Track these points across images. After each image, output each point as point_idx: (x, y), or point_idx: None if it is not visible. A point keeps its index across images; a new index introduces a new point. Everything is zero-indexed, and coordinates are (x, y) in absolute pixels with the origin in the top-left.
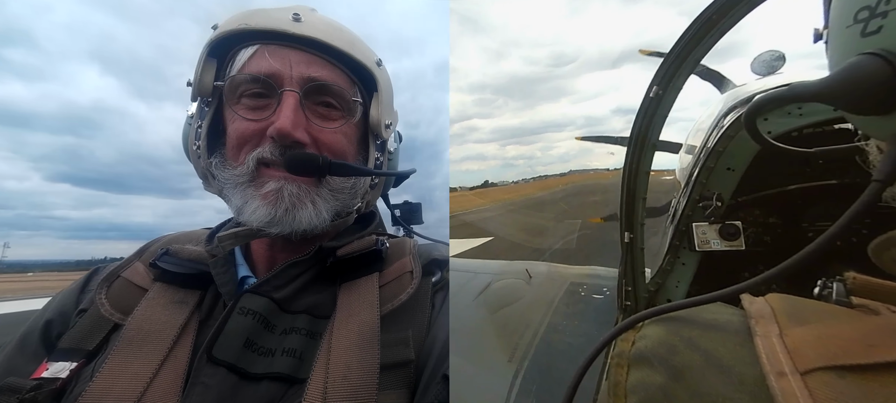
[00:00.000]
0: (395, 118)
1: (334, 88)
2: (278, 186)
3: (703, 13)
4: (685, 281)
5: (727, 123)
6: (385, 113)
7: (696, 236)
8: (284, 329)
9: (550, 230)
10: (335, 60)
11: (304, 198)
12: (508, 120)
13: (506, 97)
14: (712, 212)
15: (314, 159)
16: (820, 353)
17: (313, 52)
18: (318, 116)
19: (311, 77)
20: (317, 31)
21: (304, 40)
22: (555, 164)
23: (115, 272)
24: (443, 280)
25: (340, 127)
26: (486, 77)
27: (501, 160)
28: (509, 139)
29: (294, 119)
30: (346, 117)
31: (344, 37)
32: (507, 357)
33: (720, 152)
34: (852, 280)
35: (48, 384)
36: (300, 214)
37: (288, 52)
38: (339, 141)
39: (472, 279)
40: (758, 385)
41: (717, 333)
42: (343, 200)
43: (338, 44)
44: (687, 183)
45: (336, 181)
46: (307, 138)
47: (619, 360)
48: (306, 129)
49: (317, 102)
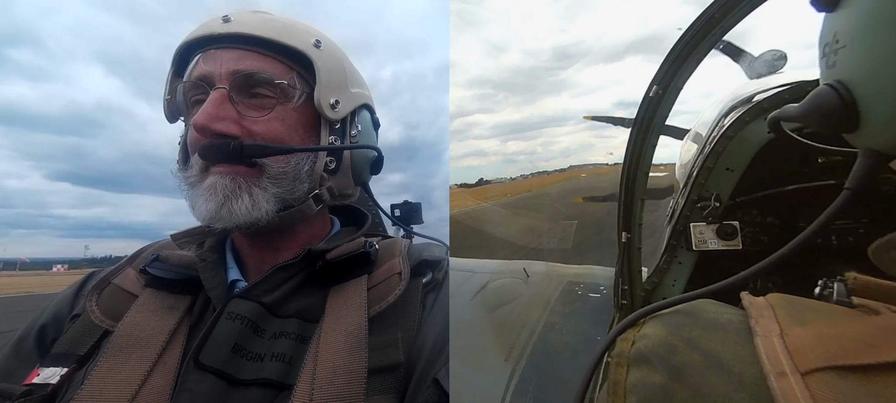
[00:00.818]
0: (355, 99)
1: (261, 76)
2: (213, 180)
3: (704, 12)
4: (682, 280)
5: (727, 123)
6: (329, 92)
7: (694, 235)
8: (274, 334)
9: (545, 230)
10: (268, 51)
11: (240, 190)
12: (509, 115)
13: (506, 92)
14: (710, 212)
15: (224, 145)
16: (820, 353)
17: (245, 47)
18: (251, 107)
19: (237, 70)
20: (244, 26)
21: (232, 38)
22: (556, 159)
23: (107, 279)
24: (434, 281)
25: (275, 114)
26: (485, 72)
27: (502, 156)
28: (510, 135)
29: (212, 112)
30: (281, 104)
31: (273, 26)
32: (503, 356)
33: (719, 153)
34: (853, 280)
35: (39, 390)
36: (236, 206)
37: (220, 53)
38: (275, 128)
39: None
40: (758, 385)
41: (718, 333)
42: (285, 185)
43: (265, 34)
44: (686, 184)
45: (273, 168)
46: (236, 130)
47: (619, 359)
48: (238, 121)
49: (249, 94)
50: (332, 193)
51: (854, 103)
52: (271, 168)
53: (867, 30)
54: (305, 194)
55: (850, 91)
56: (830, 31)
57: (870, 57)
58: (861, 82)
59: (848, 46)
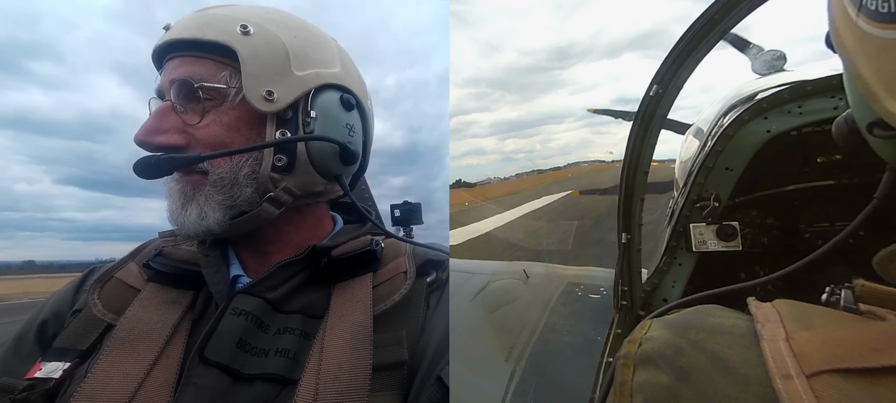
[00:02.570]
0: (300, 83)
1: (191, 81)
2: (170, 186)
3: (704, 12)
4: (681, 282)
5: (727, 121)
6: (259, 83)
7: (693, 236)
8: (278, 330)
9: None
10: (200, 52)
11: (188, 200)
12: (506, 114)
13: (502, 91)
14: (710, 212)
15: (145, 161)
16: (825, 356)
17: (183, 53)
18: (193, 114)
19: (173, 79)
20: (174, 31)
21: (169, 47)
22: (555, 157)
23: (109, 273)
24: (438, 281)
25: (211, 118)
26: (480, 71)
27: (501, 154)
28: (508, 133)
29: (151, 126)
30: (217, 106)
31: (198, 22)
32: (503, 356)
33: (719, 152)
34: (861, 288)
35: (41, 384)
36: (186, 216)
37: (169, 63)
38: (215, 132)
39: (469, 279)
40: (763, 387)
41: (724, 336)
42: (226, 191)
43: (188, 34)
44: (685, 184)
45: (214, 174)
46: (180, 139)
47: (625, 361)
48: (184, 131)
49: (193, 100)
50: (292, 193)
51: (857, 131)
52: (212, 174)
53: (846, 82)
54: (257, 198)
55: (854, 121)
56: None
57: (850, 101)
58: (855, 119)
59: (846, 91)
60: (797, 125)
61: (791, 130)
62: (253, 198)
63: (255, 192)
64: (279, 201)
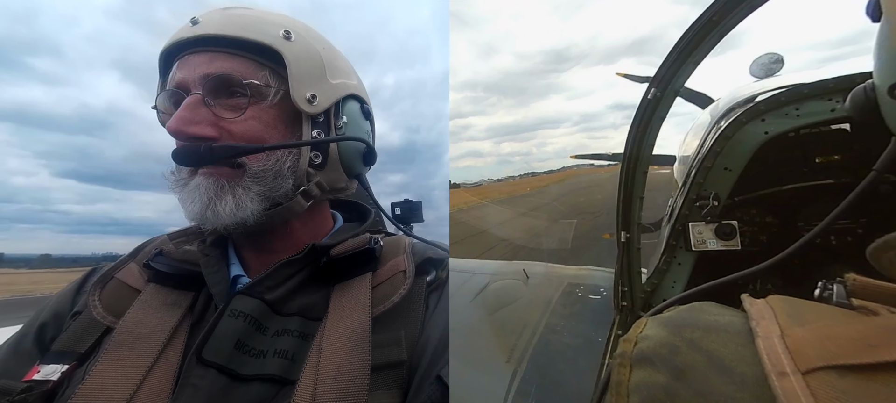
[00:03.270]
0: (337, 91)
1: (232, 77)
2: (197, 182)
3: (703, 14)
4: (681, 281)
5: (725, 123)
6: (303, 86)
7: (693, 235)
8: (276, 331)
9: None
10: (237, 50)
11: (223, 192)
12: (502, 118)
13: (499, 95)
14: (709, 212)
15: (194, 147)
16: (821, 353)
17: (214, 49)
18: (227, 108)
19: (208, 73)
20: (211, 27)
21: (199, 41)
22: (551, 160)
23: (110, 274)
24: (437, 280)
25: (248, 113)
26: (477, 75)
27: (497, 157)
28: (504, 136)
29: (186, 117)
30: (256, 104)
31: (239, 22)
32: (505, 357)
33: (718, 152)
34: (853, 282)
35: (39, 386)
36: (220, 208)
37: (193, 57)
38: (252, 127)
39: (469, 280)
40: (760, 385)
41: (719, 334)
42: (267, 183)
43: (230, 32)
44: (684, 183)
45: (254, 167)
46: (213, 131)
47: (622, 360)
48: (216, 124)
49: (226, 95)
50: (322, 187)
51: (874, 101)
52: (252, 167)
53: (875, 46)
54: (292, 191)
55: (873, 90)
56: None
57: (874, 66)
58: (875, 86)
59: (873, 57)
60: (795, 127)
61: (789, 131)
62: (290, 190)
63: (293, 185)
64: (310, 193)
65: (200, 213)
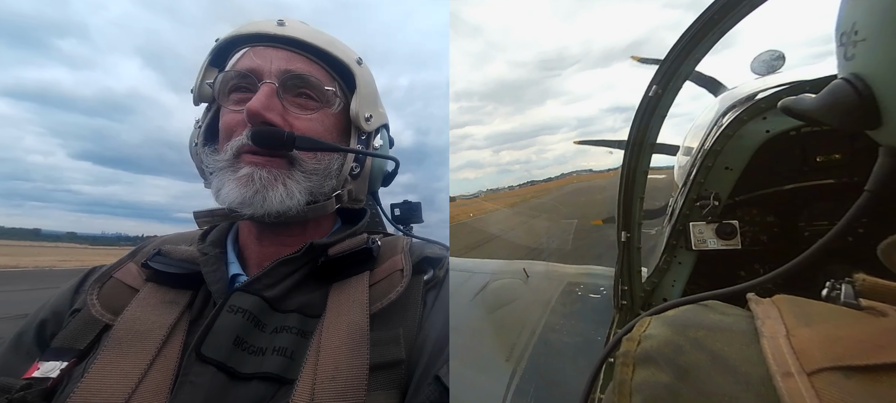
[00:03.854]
0: (381, 118)
1: (311, 79)
2: (251, 170)
3: (704, 12)
4: (681, 280)
5: (726, 121)
6: (365, 107)
7: (693, 235)
8: (275, 328)
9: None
10: (315, 58)
11: (275, 181)
12: (499, 126)
13: (495, 103)
14: (709, 211)
15: (279, 132)
16: (826, 353)
17: (294, 50)
18: (295, 105)
19: (288, 70)
20: (298, 32)
21: (285, 40)
22: (551, 167)
23: (108, 273)
24: (435, 278)
25: (317, 116)
26: (470, 84)
27: (497, 167)
28: (503, 145)
29: (265, 103)
30: (323, 108)
31: (323, 38)
32: (504, 356)
33: (718, 152)
34: (862, 282)
35: (38, 383)
36: (271, 195)
37: (271, 51)
38: (315, 128)
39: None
40: (764, 385)
41: (724, 334)
42: (316, 181)
43: (317, 42)
44: (685, 183)
45: (308, 163)
46: (281, 122)
47: (625, 359)
48: (283, 116)
49: (295, 93)
50: (351, 196)
51: (873, 99)
52: (305, 164)
53: (890, 23)
54: (330, 192)
55: (869, 86)
56: (849, 20)
57: (892, 52)
58: (882, 78)
59: (868, 39)
60: (796, 126)
61: (790, 130)
62: (329, 191)
63: (333, 186)
64: (341, 198)
65: (247, 198)
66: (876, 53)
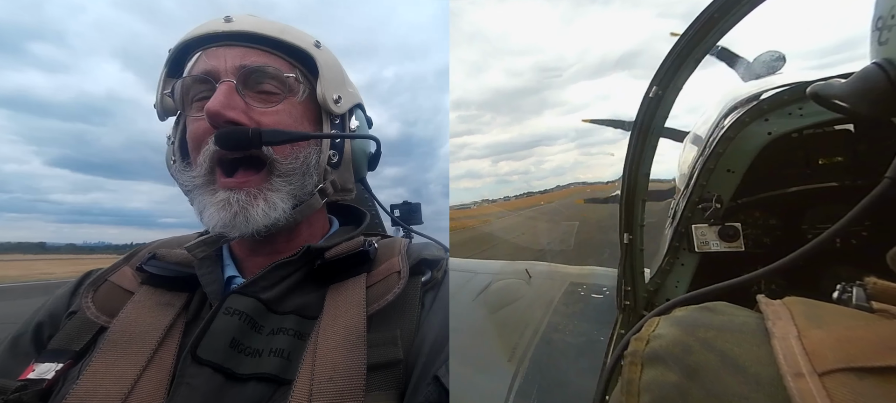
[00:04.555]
0: (352, 98)
1: (269, 70)
2: (227, 195)
3: (704, 12)
4: (684, 282)
5: (727, 123)
6: (331, 89)
7: (696, 237)
8: (272, 330)
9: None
10: (271, 49)
11: (255, 199)
12: (498, 136)
13: (492, 112)
14: (712, 213)
15: (243, 131)
16: (838, 355)
17: (248, 45)
18: (258, 100)
19: (243, 64)
20: (247, 25)
21: (235, 36)
22: (549, 178)
23: (103, 276)
24: (433, 280)
25: (282, 107)
26: (467, 92)
27: (495, 177)
28: (501, 155)
29: (224, 101)
30: (287, 98)
31: (275, 26)
32: (506, 356)
33: (720, 154)
34: (873, 286)
35: (34, 385)
36: (253, 213)
37: (224, 50)
38: (283, 120)
39: (471, 279)
40: (774, 386)
41: (733, 334)
42: (296, 182)
43: (268, 32)
44: (686, 185)
45: (283, 164)
46: (245, 119)
47: (633, 359)
48: (246, 113)
49: (256, 89)
50: (336, 186)
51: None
52: (281, 165)
53: None
54: (313, 188)
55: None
56: (889, 3)
57: None
58: None
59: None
60: (798, 127)
61: (792, 131)
62: (312, 187)
63: (315, 182)
64: (326, 191)
65: (229, 220)
66: None
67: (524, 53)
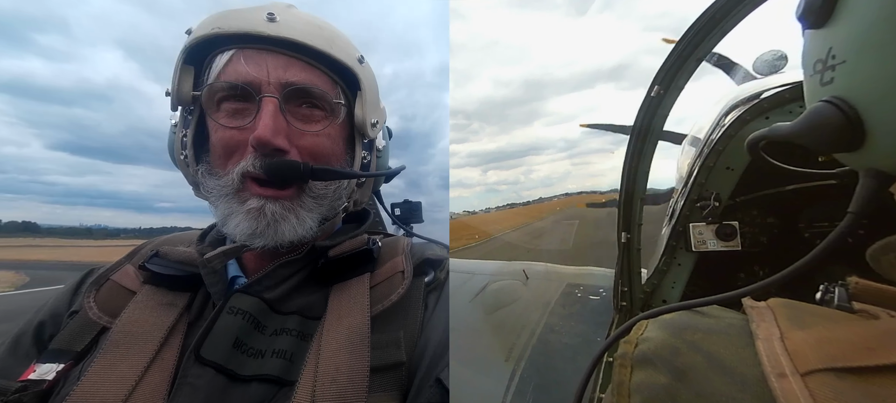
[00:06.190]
0: (383, 115)
1: (315, 92)
2: (260, 204)
3: (705, 11)
4: (681, 282)
5: (728, 121)
6: (370, 111)
7: (693, 236)
8: (275, 330)
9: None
10: (314, 61)
11: (288, 213)
12: (486, 145)
13: (480, 122)
14: (710, 212)
15: (295, 166)
16: (820, 355)
17: (290, 53)
18: (299, 119)
19: (290, 81)
20: (293, 31)
21: (279, 42)
22: (537, 188)
23: (105, 275)
24: (436, 280)
25: (323, 130)
26: (454, 101)
27: (485, 186)
28: (490, 164)
29: (274, 126)
30: (328, 120)
31: (323, 35)
32: (503, 357)
33: (720, 151)
34: (855, 285)
35: (34, 386)
36: (283, 227)
37: (264, 55)
38: (323, 144)
39: (469, 280)
40: (760, 386)
41: (720, 336)
42: (327, 204)
43: (316, 43)
44: (685, 184)
45: (318, 187)
46: (287, 145)
47: (623, 361)
48: (287, 134)
49: (297, 105)
50: (356, 203)
51: (860, 121)
52: (315, 188)
53: (872, 44)
54: (340, 209)
55: (854, 108)
56: (823, 48)
57: (877, 72)
58: (867, 99)
59: (849, 62)
60: None
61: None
62: (340, 208)
63: (343, 204)
64: (347, 209)
65: (260, 231)
66: (859, 73)
67: (512, 62)
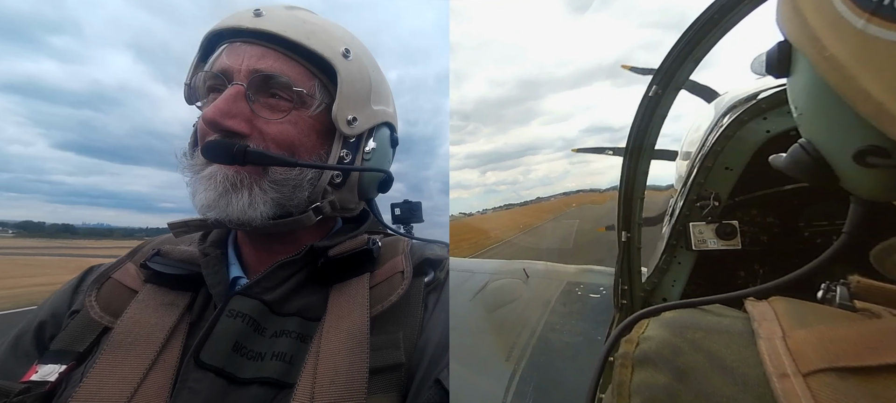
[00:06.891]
0: (374, 117)
1: (280, 79)
2: (215, 170)
3: (705, 11)
4: (681, 280)
5: (726, 122)
6: (347, 107)
7: (693, 235)
8: (275, 332)
9: None
10: (293, 54)
11: (241, 185)
12: (483, 146)
13: (477, 123)
14: (709, 211)
15: (228, 145)
16: (822, 355)
17: (270, 45)
18: (266, 108)
19: (257, 69)
20: (273, 24)
21: (258, 34)
22: (536, 188)
23: (106, 274)
24: (436, 281)
25: (288, 118)
26: (451, 103)
27: (483, 187)
28: (488, 165)
29: (223, 108)
30: (297, 110)
31: (303, 28)
32: (504, 356)
33: (718, 152)
34: (856, 284)
35: (37, 387)
36: (233, 201)
37: (245, 47)
38: (287, 132)
39: (468, 279)
40: (761, 386)
41: (721, 335)
42: (285, 192)
43: (292, 35)
44: (684, 184)
45: (277, 173)
46: (247, 128)
47: (623, 361)
48: (251, 120)
49: (266, 94)
50: (334, 206)
51: (824, 161)
52: (274, 173)
53: (809, 102)
54: (305, 204)
55: (817, 150)
56: (791, 98)
57: (819, 125)
58: (823, 146)
59: (804, 114)
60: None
61: (790, 130)
62: (303, 203)
63: (308, 198)
64: (321, 210)
65: (212, 200)
66: (812, 125)
67: (507, 61)
